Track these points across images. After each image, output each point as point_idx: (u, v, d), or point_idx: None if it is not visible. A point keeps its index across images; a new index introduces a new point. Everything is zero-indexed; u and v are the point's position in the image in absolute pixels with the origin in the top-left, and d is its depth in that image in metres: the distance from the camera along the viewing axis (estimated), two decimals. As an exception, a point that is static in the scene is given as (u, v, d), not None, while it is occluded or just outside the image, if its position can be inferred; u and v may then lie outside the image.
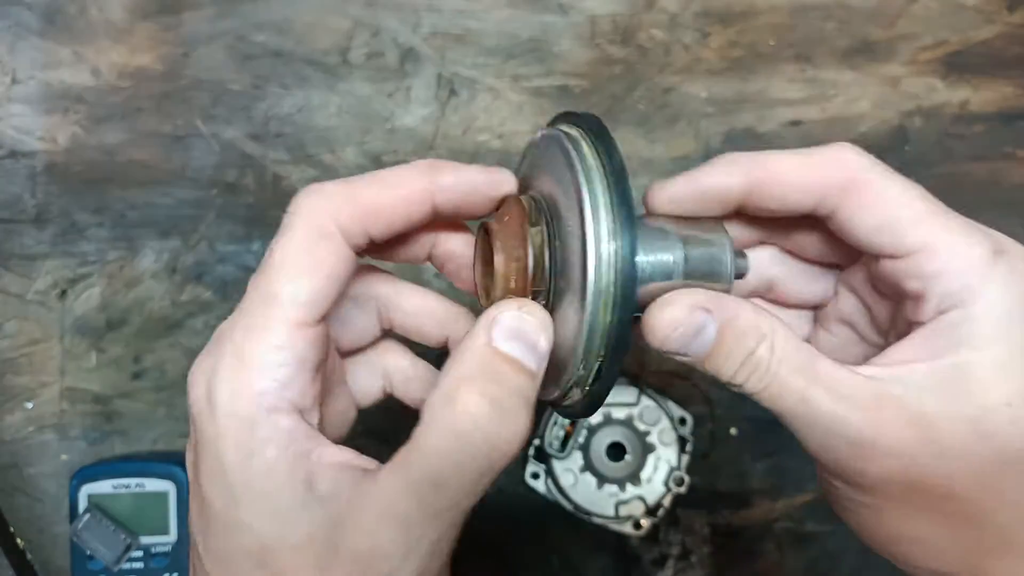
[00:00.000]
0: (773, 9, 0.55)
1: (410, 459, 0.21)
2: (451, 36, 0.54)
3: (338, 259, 0.23)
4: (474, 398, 0.21)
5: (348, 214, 0.23)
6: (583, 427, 0.47)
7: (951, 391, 0.22)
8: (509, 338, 0.22)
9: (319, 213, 0.22)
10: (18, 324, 0.51)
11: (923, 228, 0.24)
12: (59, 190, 0.52)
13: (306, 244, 0.22)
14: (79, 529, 0.46)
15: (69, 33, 0.54)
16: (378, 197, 0.23)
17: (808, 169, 0.24)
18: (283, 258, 0.22)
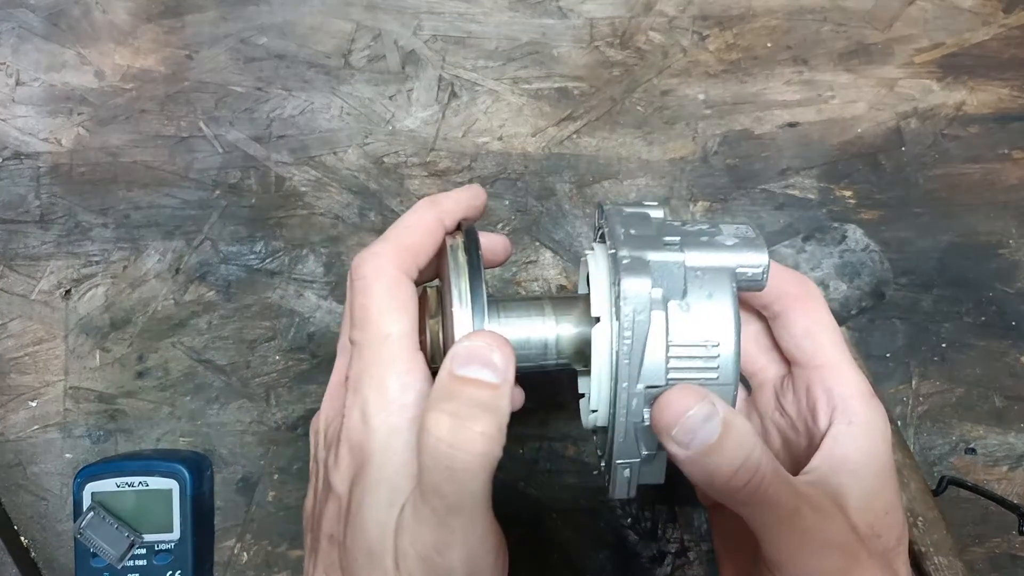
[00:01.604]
0: (770, 12, 0.56)
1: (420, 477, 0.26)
2: (452, 39, 0.55)
3: (413, 294, 0.29)
4: (434, 417, 0.26)
5: (402, 260, 0.29)
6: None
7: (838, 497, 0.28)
8: (463, 364, 0.26)
9: (385, 267, 0.29)
10: (22, 324, 0.51)
11: (834, 351, 0.31)
12: (63, 191, 0.53)
13: (388, 292, 0.28)
14: (83, 527, 0.46)
15: (73, 35, 0.55)
16: (414, 238, 0.30)
17: (776, 276, 0.31)
18: (379, 307, 0.28)
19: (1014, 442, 0.51)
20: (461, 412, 0.25)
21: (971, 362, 0.52)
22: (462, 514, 0.25)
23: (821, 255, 0.47)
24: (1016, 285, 0.53)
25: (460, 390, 0.26)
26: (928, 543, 0.46)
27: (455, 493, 0.25)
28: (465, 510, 0.25)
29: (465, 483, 0.25)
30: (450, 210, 0.31)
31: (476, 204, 0.33)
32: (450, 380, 0.26)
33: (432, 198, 0.31)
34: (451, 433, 0.25)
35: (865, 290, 0.47)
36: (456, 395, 0.26)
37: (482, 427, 0.25)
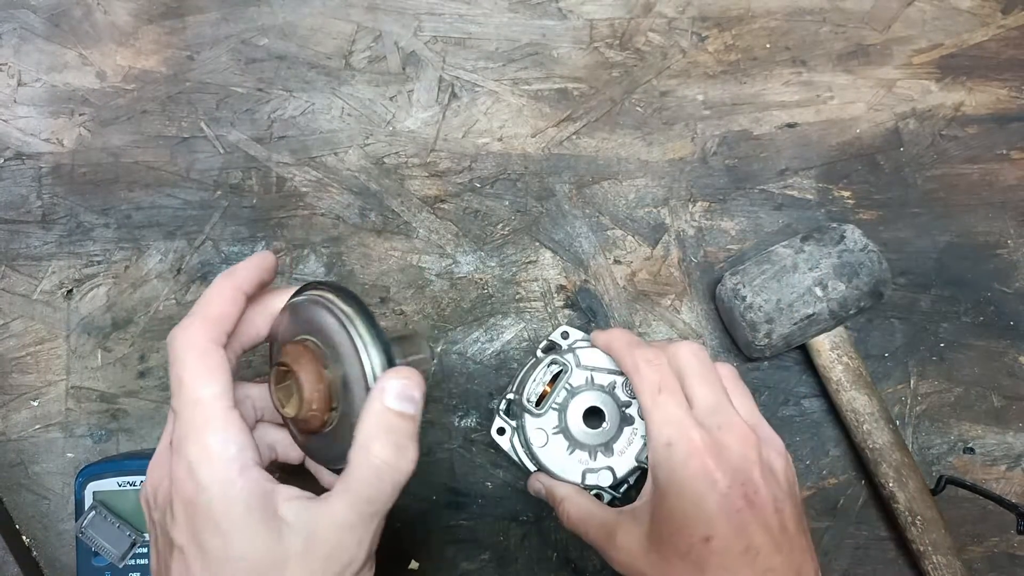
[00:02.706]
0: (769, 13, 0.56)
1: (347, 488, 0.31)
2: (452, 40, 0.55)
3: (222, 362, 0.32)
4: (381, 445, 0.31)
5: (209, 330, 0.33)
6: (562, 387, 0.45)
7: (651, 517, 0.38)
8: (396, 398, 0.32)
9: (194, 338, 0.32)
10: (24, 323, 0.52)
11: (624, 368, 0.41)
12: (65, 191, 0.53)
13: (198, 360, 0.32)
14: (84, 526, 0.46)
15: (74, 36, 0.55)
16: (217, 310, 0.33)
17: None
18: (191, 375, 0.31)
19: (1012, 441, 0.51)
20: (400, 441, 0.31)
21: (969, 362, 0.52)
22: (382, 514, 0.32)
23: (820, 255, 0.47)
24: (1014, 285, 0.53)
25: (395, 422, 0.31)
26: (926, 542, 0.46)
27: (384, 501, 0.32)
28: (384, 512, 0.32)
29: (394, 494, 0.32)
30: (246, 278, 0.35)
31: (267, 267, 0.36)
32: (385, 413, 0.31)
33: (227, 272, 0.35)
34: (395, 458, 0.31)
35: (863, 290, 0.47)
36: (393, 426, 0.31)
37: (414, 453, 0.32)
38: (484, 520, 0.50)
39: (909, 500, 0.47)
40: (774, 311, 0.46)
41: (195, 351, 0.32)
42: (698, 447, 0.35)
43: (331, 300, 0.34)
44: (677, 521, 0.35)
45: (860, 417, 0.48)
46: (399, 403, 0.32)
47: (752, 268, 0.48)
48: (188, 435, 0.31)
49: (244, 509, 0.30)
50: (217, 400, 0.31)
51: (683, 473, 0.35)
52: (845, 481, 0.50)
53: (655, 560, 0.36)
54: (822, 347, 0.48)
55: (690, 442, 0.36)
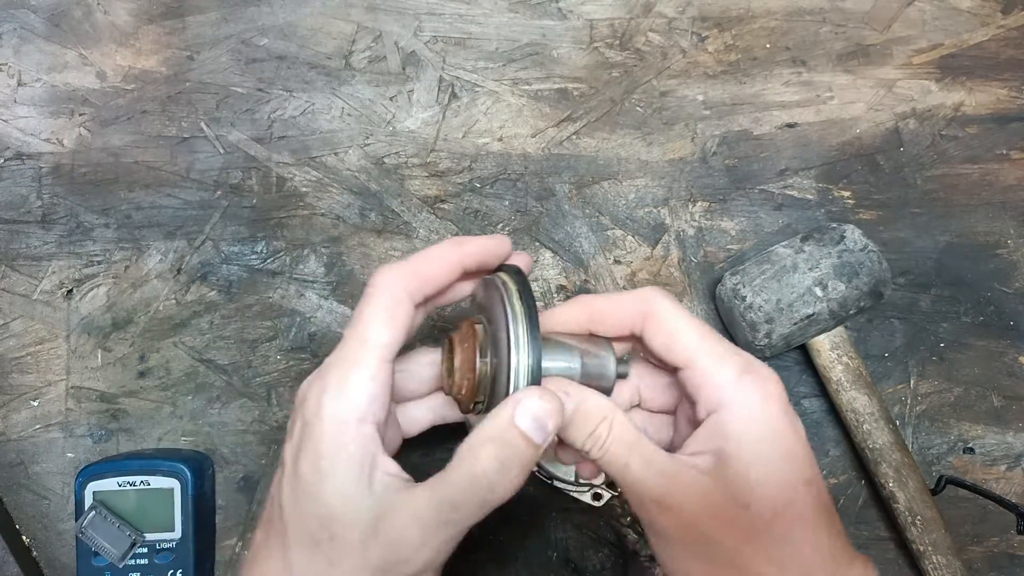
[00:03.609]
0: (769, 13, 0.56)
1: (438, 484, 0.30)
2: (452, 40, 0.55)
3: (407, 316, 0.32)
4: (488, 456, 0.30)
5: (411, 283, 0.32)
6: None
7: (719, 471, 0.30)
8: (525, 417, 0.30)
9: (393, 284, 0.32)
10: (24, 323, 0.52)
11: (690, 351, 0.32)
12: (65, 191, 0.53)
13: (387, 306, 0.32)
14: (84, 526, 0.46)
15: (74, 36, 0.55)
16: (431, 270, 0.33)
17: (619, 306, 0.34)
18: (372, 315, 0.31)
19: (1012, 441, 0.51)
20: (507, 461, 0.30)
21: (969, 362, 0.52)
22: (459, 528, 0.30)
23: (820, 255, 0.47)
24: (1014, 285, 0.53)
25: (513, 440, 0.30)
26: (926, 542, 0.46)
27: (468, 516, 0.30)
28: (463, 528, 0.30)
29: (479, 512, 0.30)
30: (473, 255, 0.34)
31: (500, 253, 0.35)
32: (508, 426, 0.30)
33: (459, 239, 0.34)
34: (496, 474, 0.30)
35: (863, 290, 0.47)
36: (509, 444, 0.30)
37: (518, 479, 0.30)
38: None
39: (909, 500, 0.47)
40: (774, 311, 0.47)
41: (389, 296, 0.32)
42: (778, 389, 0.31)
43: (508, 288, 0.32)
44: (773, 465, 0.30)
45: (860, 417, 0.48)
46: (529, 424, 0.30)
47: (752, 268, 0.48)
48: (336, 365, 0.31)
49: (346, 458, 0.29)
50: (379, 349, 0.31)
51: (771, 411, 0.30)
52: (845, 481, 0.50)
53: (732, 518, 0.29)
54: (822, 347, 0.48)
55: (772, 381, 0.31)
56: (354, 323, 0.31)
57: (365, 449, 0.30)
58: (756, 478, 0.29)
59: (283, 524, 0.30)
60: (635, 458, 0.31)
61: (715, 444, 0.30)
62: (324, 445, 0.30)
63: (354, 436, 0.30)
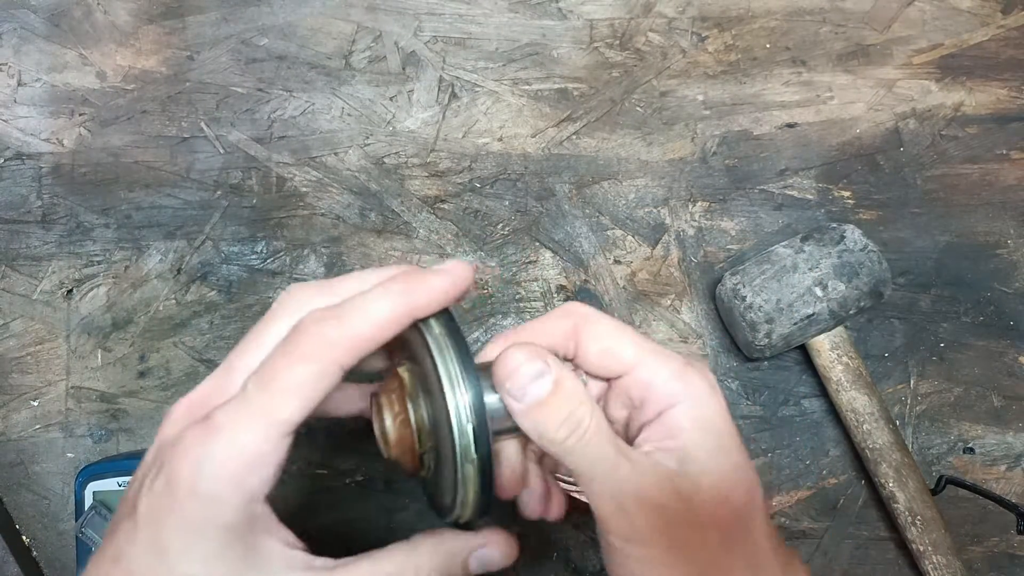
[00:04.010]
0: (768, 13, 0.56)
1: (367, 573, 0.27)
2: (452, 40, 0.55)
3: (330, 388, 0.27)
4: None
5: (349, 356, 0.27)
6: None
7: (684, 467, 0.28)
8: (477, 562, 0.30)
9: (326, 358, 0.26)
10: (24, 323, 0.52)
11: (631, 355, 0.30)
12: (65, 191, 0.53)
13: (310, 379, 0.26)
14: (84, 526, 0.46)
15: (74, 36, 0.55)
16: (371, 337, 0.27)
17: (544, 327, 0.32)
18: (289, 384, 0.26)
19: (1012, 441, 0.51)
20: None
21: (969, 362, 0.52)
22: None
23: (819, 255, 0.47)
24: (1014, 285, 0.53)
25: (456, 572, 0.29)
26: (926, 542, 0.46)
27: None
28: None
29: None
30: (423, 307, 0.28)
31: (455, 295, 0.29)
32: (459, 566, 0.29)
33: (406, 286, 0.28)
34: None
35: (863, 290, 0.47)
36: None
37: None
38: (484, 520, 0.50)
39: (909, 500, 0.47)
40: (774, 311, 0.47)
41: (316, 366, 0.26)
42: (714, 379, 0.31)
43: (425, 320, 0.28)
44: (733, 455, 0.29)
45: (860, 417, 0.48)
46: (476, 564, 0.29)
47: (752, 268, 0.48)
48: (229, 429, 0.26)
49: (225, 535, 0.25)
50: (287, 426, 0.26)
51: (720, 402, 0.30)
52: (845, 481, 0.50)
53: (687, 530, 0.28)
54: (822, 347, 0.48)
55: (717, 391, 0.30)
56: (263, 384, 0.26)
57: (255, 526, 0.26)
58: (722, 471, 0.28)
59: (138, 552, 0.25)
60: (622, 457, 0.28)
61: (674, 440, 0.29)
62: (199, 524, 0.25)
63: (240, 517, 0.26)
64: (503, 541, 0.31)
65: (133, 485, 0.28)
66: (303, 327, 0.27)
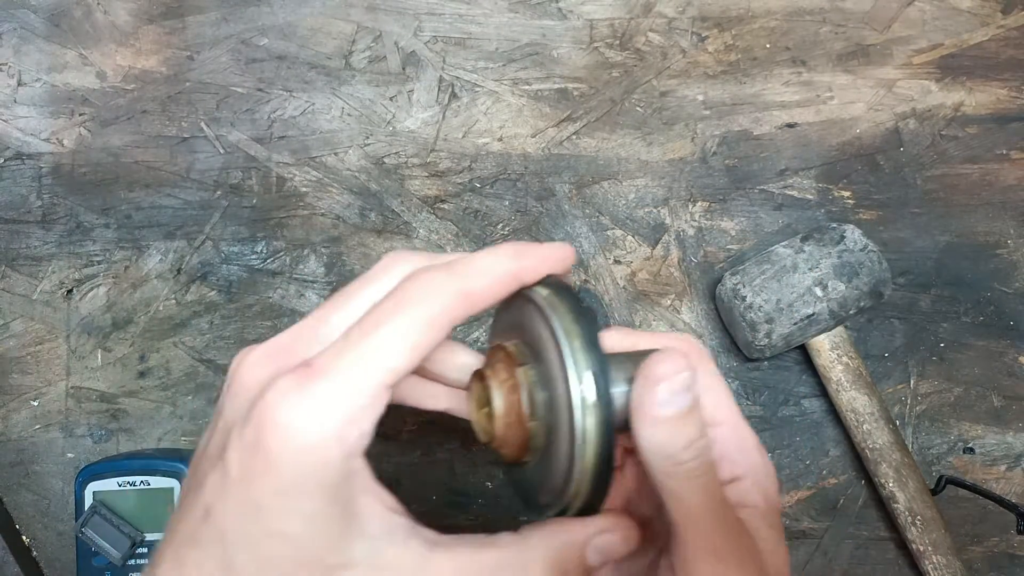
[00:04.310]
0: (768, 13, 0.56)
1: (470, 561, 0.25)
2: (452, 40, 0.55)
3: (437, 342, 0.25)
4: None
5: (459, 310, 0.26)
6: None
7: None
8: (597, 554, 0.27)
9: (436, 307, 0.25)
10: (24, 323, 0.52)
11: (729, 409, 0.29)
12: (65, 191, 0.53)
13: (420, 328, 0.25)
14: (84, 527, 0.46)
15: (74, 36, 0.55)
16: (483, 290, 0.26)
17: (663, 343, 0.29)
18: (397, 334, 0.25)
19: (1012, 441, 0.51)
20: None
21: (969, 362, 0.52)
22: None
23: (819, 255, 0.47)
24: (1014, 285, 0.53)
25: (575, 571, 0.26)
26: (926, 542, 0.46)
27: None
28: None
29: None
30: (532, 269, 0.27)
31: (564, 268, 0.29)
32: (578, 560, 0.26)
33: (517, 249, 0.27)
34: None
35: (863, 290, 0.47)
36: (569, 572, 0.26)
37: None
38: (484, 520, 0.50)
39: (909, 500, 0.47)
40: (774, 311, 0.47)
41: (425, 317, 0.25)
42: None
43: (556, 315, 0.26)
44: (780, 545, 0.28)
45: (860, 417, 0.48)
46: (596, 559, 0.26)
47: (752, 268, 0.48)
48: (329, 379, 0.24)
49: (325, 494, 0.23)
50: (392, 376, 0.24)
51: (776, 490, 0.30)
52: (845, 481, 0.50)
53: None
54: (822, 347, 0.48)
55: None
56: (369, 329, 0.25)
57: (353, 486, 0.24)
58: (780, 556, 0.27)
59: (224, 556, 0.24)
60: (719, 488, 0.27)
61: (744, 511, 0.28)
62: (298, 482, 0.23)
63: (340, 473, 0.24)
64: (624, 525, 0.27)
65: (216, 431, 0.26)
66: (414, 276, 0.26)
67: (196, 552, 0.24)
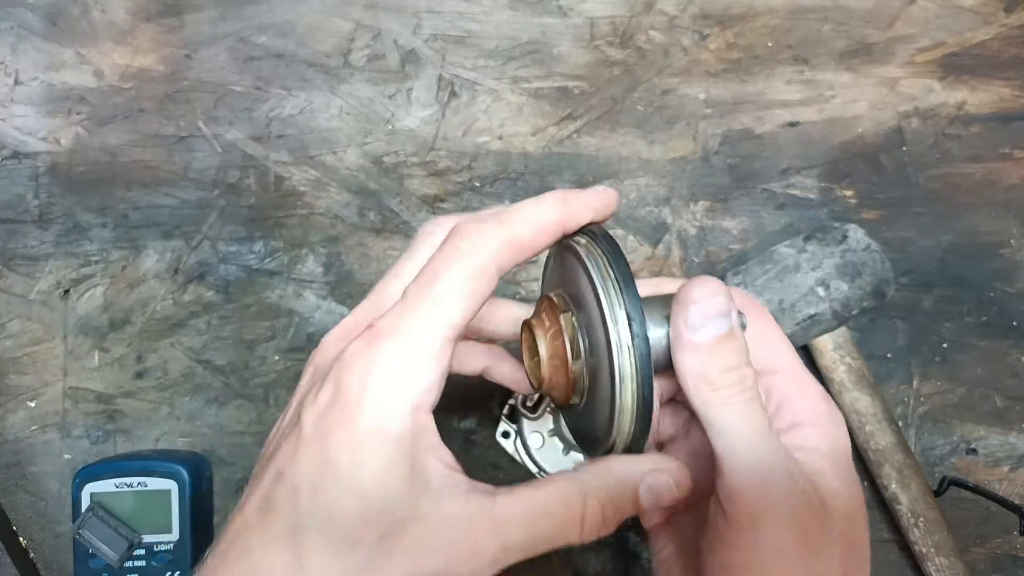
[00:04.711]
0: (771, 11, 0.55)
1: (528, 504, 0.26)
2: (451, 38, 0.55)
3: (489, 292, 0.27)
4: (594, 506, 0.27)
5: (507, 257, 0.27)
6: None
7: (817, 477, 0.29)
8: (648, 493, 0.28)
9: (485, 256, 0.26)
10: (21, 324, 0.51)
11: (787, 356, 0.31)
12: (62, 191, 0.53)
13: (471, 277, 0.26)
14: (81, 528, 0.46)
15: (72, 34, 0.55)
16: (529, 238, 0.27)
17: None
18: (451, 286, 0.26)
19: (1015, 442, 0.51)
20: (611, 517, 0.27)
21: (972, 362, 0.52)
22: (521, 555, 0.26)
23: (822, 255, 0.47)
24: (1017, 285, 0.53)
25: (627, 505, 0.27)
26: (929, 544, 0.46)
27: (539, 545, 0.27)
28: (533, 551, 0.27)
29: (550, 545, 0.27)
30: (577, 216, 0.28)
31: (608, 213, 0.29)
32: (631, 493, 0.27)
33: (563, 195, 0.28)
34: (595, 523, 0.27)
35: (866, 290, 0.47)
36: (622, 506, 0.27)
37: (606, 532, 0.27)
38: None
39: (912, 502, 0.46)
40: (776, 311, 0.46)
41: (475, 266, 0.26)
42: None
43: (596, 264, 0.27)
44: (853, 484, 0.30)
45: (863, 418, 0.47)
46: (648, 499, 0.27)
47: (754, 268, 0.48)
48: (394, 338, 0.25)
49: (396, 452, 0.25)
50: (451, 328, 0.26)
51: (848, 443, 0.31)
52: (847, 482, 0.50)
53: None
54: (824, 347, 0.48)
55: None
56: (425, 286, 0.26)
57: (419, 441, 0.25)
58: (851, 496, 0.28)
59: (296, 511, 0.25)
60: (764, 417, 0.27)
61: (806, 455, 0.28)
62: (369, 435, 0.25)
63: (407, 427, 0.25)
64: (675, 467, 0.28)
65: (291, 408, 0.28)
66: (459, 229, 0.27)
67: (267, 514, 0.25)
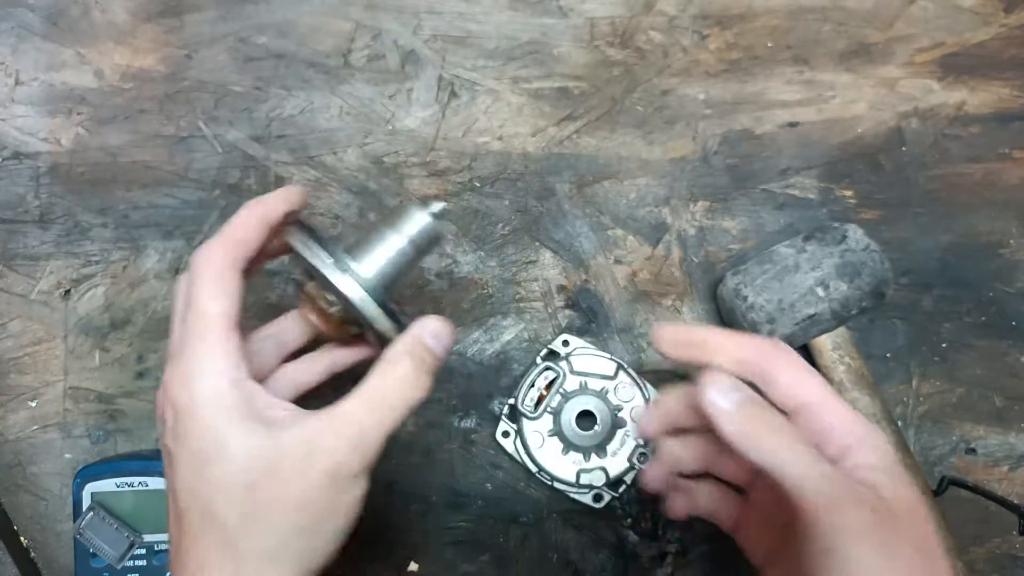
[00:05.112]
0: (770, 11, 0.55)
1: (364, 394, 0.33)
2: (451, 38, 0.55)
3: (236, 285, 0.34)
4: (405, 364, 0.33)
5: (234, 254, 0.34)
6: (557, 392, 0.48)
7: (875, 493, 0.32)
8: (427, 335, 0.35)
9: (212, 258, 0.34)
10: (22, 324, 0.51)
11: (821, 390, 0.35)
12: (63, 191, 0.53)
13: (214, 279, 0.33)
14: (82, 527, 0.46)
15: (72, 35, 0.55)
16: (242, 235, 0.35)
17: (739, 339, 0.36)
18: (203, 291, 0.33)
19: (1014, 442, 0.51)
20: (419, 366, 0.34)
21: (971, 362, 0.52)
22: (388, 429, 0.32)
23: (822, 255, 0.47)
24: (1016, 285, 0.53)
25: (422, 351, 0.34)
26: (928, 543, 0.46)
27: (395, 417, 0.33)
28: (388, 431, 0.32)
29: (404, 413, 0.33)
30: (274, 209, 0.36)
31: (296, 201, 0.37)
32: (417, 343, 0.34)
33: (257, 200, 0.36)
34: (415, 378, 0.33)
35: (865, 290, 0.47)
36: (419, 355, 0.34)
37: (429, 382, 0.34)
38: (484, 521, 0.50)
39: (911, 501, 0.46)
40: (776, 311, 0.46)
41: (212, 269, 0.33)
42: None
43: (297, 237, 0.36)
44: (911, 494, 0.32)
45: (862, 418, 0.47)
46: (432, 341, 0.34)
47: (754, 268, 0.48)
48: (186, 345, 0.32)
49: (238, 416, 0.31)
50: (220, 318, 0.33)
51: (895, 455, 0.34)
52: (847, 482, 0.50)
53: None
54: (824, 347, 0.48)
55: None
56: (191, 304, 0.33)
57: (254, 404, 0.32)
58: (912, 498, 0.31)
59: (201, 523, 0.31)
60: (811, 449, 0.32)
61: (861, 473, 0.32)
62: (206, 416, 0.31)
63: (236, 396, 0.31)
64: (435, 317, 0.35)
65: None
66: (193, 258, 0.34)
67: (184, 534, 0.31)
